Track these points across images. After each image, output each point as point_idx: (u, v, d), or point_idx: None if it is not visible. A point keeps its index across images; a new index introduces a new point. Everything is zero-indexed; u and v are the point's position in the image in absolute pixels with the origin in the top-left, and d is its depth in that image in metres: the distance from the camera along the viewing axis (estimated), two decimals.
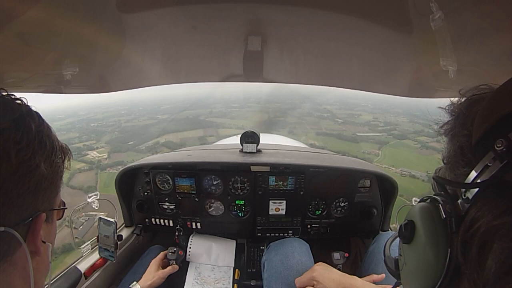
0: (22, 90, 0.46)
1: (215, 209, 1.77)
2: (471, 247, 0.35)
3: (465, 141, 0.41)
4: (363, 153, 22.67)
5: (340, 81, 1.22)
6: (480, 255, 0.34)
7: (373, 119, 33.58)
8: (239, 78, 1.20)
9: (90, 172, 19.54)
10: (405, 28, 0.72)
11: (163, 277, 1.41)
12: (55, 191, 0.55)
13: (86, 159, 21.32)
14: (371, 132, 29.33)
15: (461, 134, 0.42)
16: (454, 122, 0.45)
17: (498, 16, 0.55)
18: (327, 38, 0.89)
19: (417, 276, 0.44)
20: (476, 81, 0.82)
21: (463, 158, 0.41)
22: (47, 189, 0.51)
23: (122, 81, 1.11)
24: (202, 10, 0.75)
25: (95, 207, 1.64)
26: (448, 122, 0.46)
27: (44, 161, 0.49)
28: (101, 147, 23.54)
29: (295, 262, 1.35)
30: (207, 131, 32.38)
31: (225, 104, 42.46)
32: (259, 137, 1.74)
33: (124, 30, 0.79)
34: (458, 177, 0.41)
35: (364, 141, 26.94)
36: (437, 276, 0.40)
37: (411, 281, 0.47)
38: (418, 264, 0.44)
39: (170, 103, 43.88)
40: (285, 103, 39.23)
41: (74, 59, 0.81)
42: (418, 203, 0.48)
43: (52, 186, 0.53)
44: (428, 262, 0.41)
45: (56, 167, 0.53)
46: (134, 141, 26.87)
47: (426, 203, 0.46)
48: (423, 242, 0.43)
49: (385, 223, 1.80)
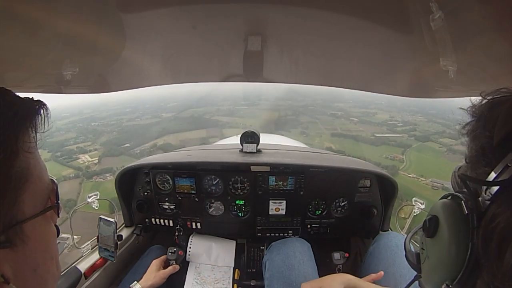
0: (22, 90, 0.44)
1: (215, 209, 1.77)
2: (491, 242, 0.38)
3: (486, 142, 0.43)
4: (385, 158, 20.43)
5: (341, 81, 1.22)
6: (499, 249, 0.36)
7: (390, 118, 31.10)
8: (239, 78, 1.20)
9: (76, 180, 17.30)
10: (405, 28, 0.72)
11: (163, 277, 1.41)
12: (12, 202, 0.39)
13: (74, 164, 19.10)
14: (390, 133, 27.02)
15: (482, 135, 0.44)
16: (476, 124, 0.47)
17: (499, 16, 0.55)
18: (327, 38, 0.89)
19: (439, 269, 0.47)
20: (476, 81, 0.82)
21: (484, 158, 0.43)
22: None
23: (122, 81, 1.11)
24: (202, 10, 0.74)
25: (95, 207, 1.64)
26: (470, 123, 0.48)
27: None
28: (94, 150, 21.38)
29: (297, 262, 1.35)
30: (210, 132, 30.36)
31: (234, 102, 40.29)
32: (259, 137, 1.74)
33: (124, 30, 0.79)
34: (479, 176, 0.44)
35: (384, 143, 24.48)
36: (458, 268, 0.42)
37: (433, 273, 0.50)
38: (441, 257, 0.46)
39: (177, 100, 41.68)
40: (296, 101, 37.40)
41: (74, 59, 0.81)
42: (440, 199, 0.51)
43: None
44: (450, 255, 0.44)
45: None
46: (131, 143, 24.63)
47: (448, 200, 0.49)
48: (446, 237, 0.45)
49: (385, 223, 1.80)
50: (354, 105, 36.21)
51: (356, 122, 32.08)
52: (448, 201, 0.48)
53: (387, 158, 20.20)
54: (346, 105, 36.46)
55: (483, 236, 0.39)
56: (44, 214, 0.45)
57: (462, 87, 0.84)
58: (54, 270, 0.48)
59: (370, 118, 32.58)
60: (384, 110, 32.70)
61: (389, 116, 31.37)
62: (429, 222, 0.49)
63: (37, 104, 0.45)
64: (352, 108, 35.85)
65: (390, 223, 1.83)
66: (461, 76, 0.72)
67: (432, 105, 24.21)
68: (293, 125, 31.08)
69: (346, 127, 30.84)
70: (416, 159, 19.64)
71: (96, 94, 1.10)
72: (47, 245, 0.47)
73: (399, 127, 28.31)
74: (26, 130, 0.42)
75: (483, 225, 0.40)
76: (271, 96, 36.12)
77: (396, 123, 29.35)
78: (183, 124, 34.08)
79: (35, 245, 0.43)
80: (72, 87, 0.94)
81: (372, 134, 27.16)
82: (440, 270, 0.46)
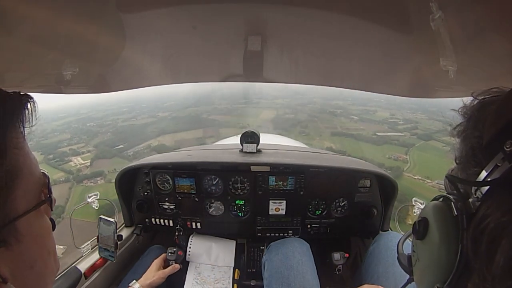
0: (22, 90, 0.44)
1: (215, 209, 1.77)
2: (481, 243, 0.37)
3: (476, 143, 0.43)
4: (389, 158, 19.58)
5: (341, 81, 1.22)
6: (489, 250, 0.36)
7: (390, 116, 30.49)
8: (239, 78, 1.20)
9: (66, 184, 16.86)
10: (405, 28, 0.72)
11: (163, 277, 1.41)
12: (3, 200, 0.38)
13: (66, 167, 18.53)
14: (392, 132, 26.27)
15: (472, 135, 0.44)
16: (466, 124, 0.47)
17: (499, 16, 0.55)
18: (327, 37, 0.89)
19: (430, 271, 0.46)
20: (476, 81, 0.82)
21: (474, 158, 0.43)
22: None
23: (122, 81, 1.11)
24: (202, 10, 0.74)
25: (95, 207, 1.64)
26: (461, 124, 0.48)
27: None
28: (87, 152, 20.47)
29: (295, 262, 1.35)
30: (207, 132, 29.55)
31: (231, 101, 39.51)
32: (259, 137, 1.74)
33: (124, 30, 0.79)
34: (469, 177, 0.43)
35: (386, 142, 23.75)
36: (448, 270, 0.42)
37: (424, 275, 0.49)
38: (431, 259, 0.46)
39: (175, 99, 40.82)
40: (294, 99, 36.71)
41: (74, 59, 0.81)
42: (431, 201, 0.50)
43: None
44: (440, 257, 0.43)
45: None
46: (124, 144, 23.54)
47: (439, 202, 0.48)
48: (435, 238, 0.45)
49: (385, 223, 1.80)
50: (353, 103, 35.52)
51: (356, 120, 31.50)
52: (438, 203, 0.48)
53: (391, 159, 19.59)
54: (345, 103, 35.77)
55: (473, 238, 0.39)
56: (38, 209, 0.44)
57: (462, 87, 0.84)
58: (52, 265, 0.48)
59: (370, 116, 31.99)
60: (384, 107, 32.12)
61: (389, 114, 30.83)
62: (419, 224, 0.49)
63: (24, 98, 0.44)
64: (351, 105, 35.24)
65: (390, 223, 1.83)
66: (461, 76, 0.72)
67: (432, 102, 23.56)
68: (292, 124, 30.51)
69: (346, 126, 30.21)
70: (420, 159, 19.10)
71: (94, 94, 1.10)
72: (43, 240, 0.46)
73: (400, 125, 27.65)
74: (13, 126, 0.41)
75: (473, 226, 0.39)
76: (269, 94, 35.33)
77: (397, 121, 28.75)
78: (179, 124, 33.21)
79: (31, 242, 0.42)
80: (72, 87, 0.94)
81: (373, 133, 26.56)
82: (431, 272, 0.46)
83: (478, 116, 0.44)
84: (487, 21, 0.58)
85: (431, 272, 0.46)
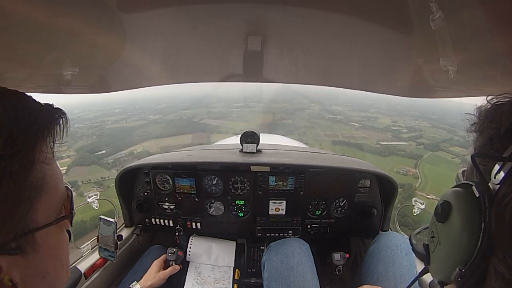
0: (22, 90, 0.44)
1: (215, 209, 1.77)
2: (504, 218, 0.39)
3: (494, 133, 0.46)
4: (398, 173, 17.57)
5: (341, 81, 1.22)
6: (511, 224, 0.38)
7: (392, 123, 29.33)
8: (239, 78, 1.20)
9: None
10: (405, 28, 0.72)
11: (163, 278, 1.41)
12: (26, 211, 0.39)
13: None
14: (396, 141, 24.77)
15: (490, 127, 0.47)
16: (483, 120, 0.49)
17: (498, 16, 0.55)
18: (327, 38, 0.89)
19: (452, 253, 0.47)
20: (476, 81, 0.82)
21: (492, 146, 0.45)
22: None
23: (122, 81, 1.11)
24: (202, 10, 0.74)
25: (95, 207, 1.64)
26: (478, 121, 0.50)
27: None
28: (67, 157, 18.26)
29: (295, 262, 1.35)
30: (196, 137, 27.18)
31: (227, 104, 38.18)
32: (259, 137, 1.74)
33: (124, 30, 0.79)
34: (486, 166, 0.45)
35: (392, 153, 22.05)
36: (471, 251, 0.43)
37: (445, 260, 0.50)
38: (454, 241, 0.47)
39: (169, 101, 39.18)
40: (292, 103, 35.39)
41: (74, 59, 0.81)
42: (451, 188, 0.52)
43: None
44: (463, 238, 0.45)
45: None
46: (107, 149, 21.61)
47: (459, 188, 0.50)
48: (458, 219, 0.46)
49: (385, 223, 1.80)
50: (353, 109, 34.36)
51: (358, 128, 30.12)
52: (459, 188, 0.50)
53: (399, 173, 17.87)
54: (345, 108, 34.57)
55: (496, 214, 0.41)
56: (58, 223, 0.45)
57: (462, 87, 0.84)
58: (63, 276, 0.48)
59: (372, 122, 30.76)
60: (385, 114, 31.25)
61: (391, 120, 29.88)
62: (441, 207, 0.50)
63: (56, 113, 0.44)
64: (351, 111, 34.08)
65: (390, 223, 1.83)
66: (461, 76, 0.72)
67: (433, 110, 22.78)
68: (289, 131, 28.76)
69: (347, 133, 28.65)
70: (430, 174, 17.91)
71: (89, 94, 1.10)
72: (58, 253, 0.46)
73: (404, 133, 26.34)
74: (43, 140, 0.42)
75: (495, 204, 0.41)
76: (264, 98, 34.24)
77: (400, 128, 27.59)
78: (168, 128, 31.23)
79: (46, 253, 0.43)
80: (72, 87, 0.94)
81: (377, 142, 25.07)
82: (453, 255, 0.47)
83: (494, 113, 0.47)
84: (487, 21, 0.58)
85: (453, 254, 0.46)
